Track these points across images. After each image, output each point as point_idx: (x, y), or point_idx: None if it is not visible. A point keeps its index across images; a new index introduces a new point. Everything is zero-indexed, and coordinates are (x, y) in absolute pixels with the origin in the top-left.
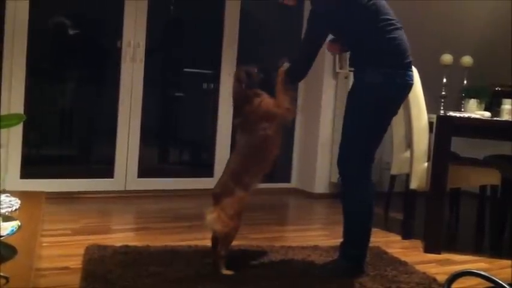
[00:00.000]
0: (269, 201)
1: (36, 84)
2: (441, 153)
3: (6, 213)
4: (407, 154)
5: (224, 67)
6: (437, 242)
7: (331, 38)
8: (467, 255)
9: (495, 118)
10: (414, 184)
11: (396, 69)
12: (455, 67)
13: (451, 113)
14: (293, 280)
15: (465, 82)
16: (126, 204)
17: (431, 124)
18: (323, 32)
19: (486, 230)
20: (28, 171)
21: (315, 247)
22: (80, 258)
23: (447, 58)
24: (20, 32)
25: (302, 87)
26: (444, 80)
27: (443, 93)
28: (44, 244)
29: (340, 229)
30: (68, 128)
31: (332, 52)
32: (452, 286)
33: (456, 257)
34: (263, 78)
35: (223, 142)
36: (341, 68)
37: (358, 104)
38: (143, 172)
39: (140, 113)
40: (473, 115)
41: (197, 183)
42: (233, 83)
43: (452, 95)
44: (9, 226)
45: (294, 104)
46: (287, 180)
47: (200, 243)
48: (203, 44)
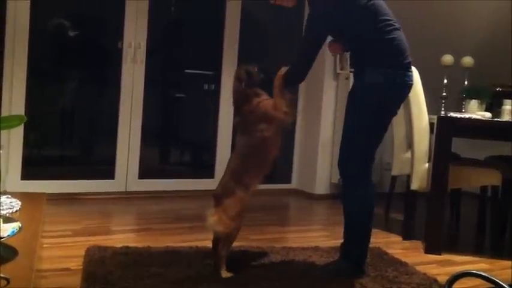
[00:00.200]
0: (270, 202)
1: (37, 84)
2: (442, 153)
3: (6, 214)
4: (408, 155)
5: (225, 68)
6: (437, 243)
7: (332, 39)
8: (468, 256)
9: (496, 119)
10: (415, 185)
11: (396, 69)
12: (456, 68)
13: (452, 114)
14: (294, 281)
15: (466, 83)
16: (126, 205)
17: (432, 125)
18: (322, 34)
19: (487, 231)
20: (29, 172)
21: (316, 248)
22: (81, 259)
23: (448, 59)
24: (21, 33)
25: (303, 88)
26: (445, 81)
27: (444, 93)
28: (45, 245)
29: (340, 230)
30: (69, 129)
31: (333, 52)
32: (453, 287)
33: (457, 258)
34: (263, 78)
35: (224, 143)
36: (342, 69)
37: (358, 105)
38: (144, 173)
39: (141, 114)
40: (474, 116)
41: (198, 184)
42: (233, 82)
43: (453, 96)
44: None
45: (293, 108)
46: (287, 181)
47: (201, 244)
48: (204, 45)
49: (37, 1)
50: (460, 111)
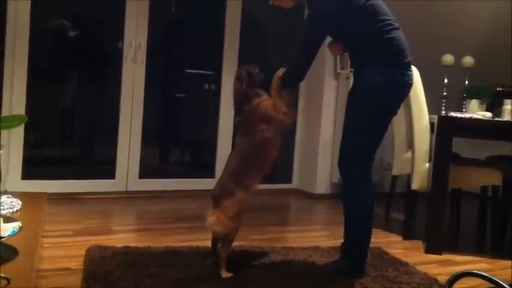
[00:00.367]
0: (270, 201)
1: (38, 84)
2: (442, 153)
3: (7, 214)
4: (408, 155)
5: (225, 68)
6: (438, 243)
7: (332, 39)
8: (468, 255)
9: (496, 118)
10: (415, 184)
11: (395, 69)
12: (456, 67)
13: (453, 114)
14: (294, 281)
15: (466, 82)
16: (127, 205)
17: (432, 125)
18: (321, 34)
19: (487, 231)
20: (29, 172)
21: (316, 248)
22: (81, 259)
23: (448, 58)
24: (22, 33)
25: (303, 88)
26: (445, 81)
27: (444, 93)
28: (45, 245)
29: (341, 229)
30: (70, 129)
31: (333, 53)
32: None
33: (457, 258)
34: (264, 78)
35: (224, 143)
36: (342, 69)
37: (358, 104)
38: (144, 173)
39: (142, 114)
40: (474, 115)
41: (198, 184)
42: (234, 83)
43: (453, 96)
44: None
45: (293, 108)
46: (288, 180)
47: (201, 244)
48: (204, 45)
49: (37, 1)
50: (461, 111)
